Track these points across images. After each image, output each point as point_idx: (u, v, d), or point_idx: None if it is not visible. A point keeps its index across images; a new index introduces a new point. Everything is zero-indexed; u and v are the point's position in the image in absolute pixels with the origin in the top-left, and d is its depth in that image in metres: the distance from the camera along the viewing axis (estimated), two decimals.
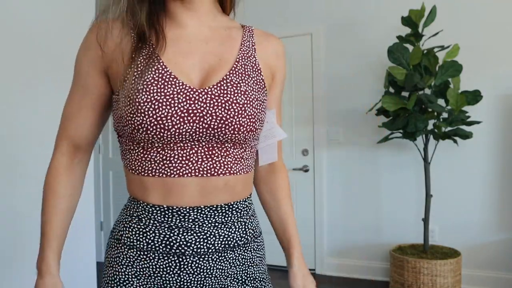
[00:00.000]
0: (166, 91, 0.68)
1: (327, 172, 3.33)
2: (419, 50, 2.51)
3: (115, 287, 0.76)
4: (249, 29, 0.83)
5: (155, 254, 0.73)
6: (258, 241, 0.84)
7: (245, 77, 0.74)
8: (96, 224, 2.66)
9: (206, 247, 0.74)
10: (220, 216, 0.75)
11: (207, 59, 0.74)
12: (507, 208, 2.83)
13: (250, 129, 0.73)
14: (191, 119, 0.69)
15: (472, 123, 2.57)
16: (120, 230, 0.78)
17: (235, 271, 0.78)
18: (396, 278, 2.64)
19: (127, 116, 0.70)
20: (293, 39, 3.43)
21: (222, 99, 0.70)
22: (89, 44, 0.77)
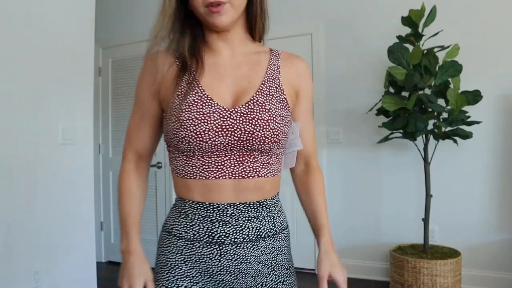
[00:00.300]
0: (204, 111, 0.84)
1: (327, 172, 3.33)
2: (419, 50, 2.51)
3: (167, 271, 0.90)
4: (276, 52, 0.96)
5: (200, 243, 0.88)
6: (285, 233, 0.97)
7: (270, 97, 0.88)
8: (96, 224, 2.66)
9: (242, 237, 0.88)
10: (252, 211, 0.89)
11: (239, 83, 0.89)
12: (507, 208, 2.83)
13: (274, 141, 0.87)
14: (224, 133, 0.84)
15: (472, 123, 2.57)
16: (170, 224, 0.93)
17: (266, 258, 0.92)
18: (396, 278, 2.64)
19: (173, 130, 0.85)
20: (293, 39, 3.43)
21: (249, 116, 0.85)
22: (143, 74, 0.95)
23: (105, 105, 3.93)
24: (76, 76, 2.47)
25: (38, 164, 2.24)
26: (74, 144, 2.45)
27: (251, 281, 0.91)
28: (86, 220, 2.53)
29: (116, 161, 3.86)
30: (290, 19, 3.43)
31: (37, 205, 2.22)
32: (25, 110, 2.17)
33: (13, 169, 2.11)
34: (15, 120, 2.13)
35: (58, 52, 2.36)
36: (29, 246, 2.17)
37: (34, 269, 2.19)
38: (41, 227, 2.24)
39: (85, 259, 2.51)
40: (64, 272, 2.37)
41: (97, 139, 3.89)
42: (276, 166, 0.93)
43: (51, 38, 2.32)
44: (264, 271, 0.92)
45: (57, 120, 2.35)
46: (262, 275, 0.92)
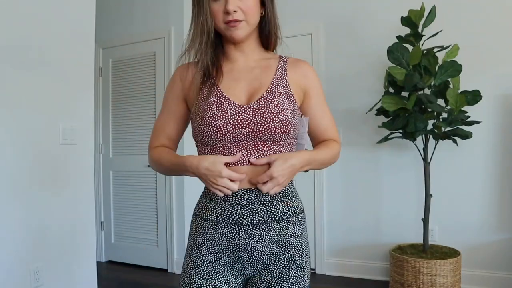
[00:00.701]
0: (223, 108, 1.01)
1: (327, 172, 3.33)
2: (419, 50, 2.51)
3: (196, 248, 1.07)
4: (284, 58, 1.13)
5: (222, 224, 1.03)
6: (300, 217, 1.10)
7: (278, 94, 1.04)
8: (96, 224, 2.66)
9: (257, 219, 1.01)
10: (267, 196, 1.02)
11: (251, 84, 1.06)
12: (506, 208, 2.83)
13: (283, 131, 1.01)
14: (240, 126, 1.00)
15: (472, 123, 2.58)
16: (199, 209, 1.10)
17: (280, 239, 1.04)
18: (396, 278, 2.64)
19: (198, 127, 1.03)
20: (293, 39, 3.43)
21: (261, 111, 1.00)
22: (173, 81, 1.14)
23: (105, 105, 3.94)
24: (76, 76, 2.48)
25: (38, 164, 2.24)
26: (74, 144, 2.45)
27: (266, 258, 1.04)
28: (86, 220, 2.53)
29: (116, 161, 3.86)
30: (290, 19, 3.43)
31: (37, 205, 2.23)
32: (25, 110, 2.17)
33: (13, 169, 2.11)
34: (15, 120, 2.13)
35: (58, 52, 2.36)
36: (29, 246, 2.18)
37: (34, 269, 2.19)
38: (41, 227, 2.24)
39: (85, 259, 2.51)
40: (64, 272, 2.37)
41: (97, 139, 3.90)
42: None
43: (51, 38, 2.32)
44: (278, 250, 1.04)
45: (57, 120, 2.35)
46: (276, 253, 1.04)
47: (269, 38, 1.11)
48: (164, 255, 3.61)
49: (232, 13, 1.00)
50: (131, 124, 3.76)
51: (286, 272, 1.04)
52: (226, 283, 1.05)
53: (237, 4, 1.00)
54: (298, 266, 1.05)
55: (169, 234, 3.56)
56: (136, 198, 3.76)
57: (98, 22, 2.82)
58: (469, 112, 2.73)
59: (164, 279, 3.41)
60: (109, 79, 3.92)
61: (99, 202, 3.91)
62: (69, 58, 2.43)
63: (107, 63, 3.94)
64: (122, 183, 3.84)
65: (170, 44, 3.59)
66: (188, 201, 3.49)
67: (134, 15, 3.85)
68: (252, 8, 1.03)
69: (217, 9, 1.01)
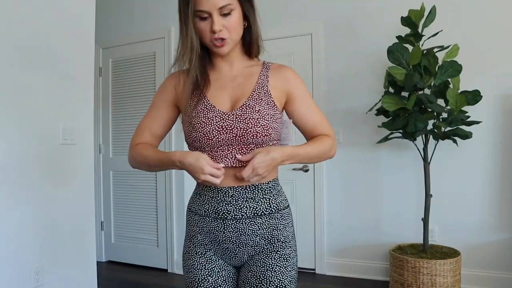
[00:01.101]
0: (209, 115, 1.10)
1: (327, 172, 3.33)
2: (419, 50, 2.51)
3: (189, 240, 1.19)
4: (267, 65, 1.20)
5: (209, 218, 1.13)
6: (283, 212, 1.17)
7: (259, 100, 1.12)
8: (96, 224, 2.66)
9: (240, 215, 1.11)
10: (249, 193, 1.11)
11: (235, 92, 1.14)
12: (506, 208, 2.83)
13: (264, 134, 1.09)
14: (224, 131, 1.09)
15: (472, 123, 2.58)
16: (190, 203, 1.21)
17: (263, 232, 1.13)
18: (396, 278, 2.65)
19: (188, 132, 1.13)
20: (293, 39, 3.44)
21: (243, 117, 1.09)
22: (165, 87, 1.22)
23: (105, 105, 3.94)
24: (76, 76, 2.48)
25: (38, 164, 2.24)
26: (74, 144, 2.45)
27: (251, 250, 1.14)
28: (86, 220, 2.53)
29: (116, 161, 3.86)
30: (290, 19, 3.43)
31: (37, 205, 2.22)
32: (25, 110, 2.17)
33: (13, 169, 2.11)
34: (15, 120, 2.13)
35: (58, 52, 2.36)
36: (29, 245, 2.18)
37: (34, 268, 2.19)
38: (41, 227, 2.24)
39: (85, 259, 2.51)
40: (64, 271, 2.37)
41: (97, 139, 3.90)
42: None
43: (51, 38, 2.32)
44: (261, 242, 1.13)
45: (57, 120, 2.35)
46: (259, 245, 1.14)
47: (252, 47, 1.18)
48: (164, 255, 3.61)
49: (218, 32, 1.07)
50: (131, 124, 3.76)
51: (269, 262, 1.12)
52: (219, 271, 1.16)
53: (222, 23, 1.07)
54: (281, 256, 1.13)
55: (169, 234, 3.56)
56: (136, 198, 3.76)
57: (98, 22, 2.82)
58: (469, 112, 2.73)
59: (164, 279, 3.41)
60: (109, 79, 3.92)
61: (99, 202, 3.91)
62: (69, 58, 2.43)
63: (107, 63, 3.94)
64: (122, 183, 3.84)
65: (170, 44, 3.59)
66: (188, 201, 3.48)
67: (134, 15, 3.85)
68: (236, 25, 1.10)
69: (203, 28, 1.08)
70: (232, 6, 1.07)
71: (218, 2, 1.05)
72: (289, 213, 1.20)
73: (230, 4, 1.07)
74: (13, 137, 2.12)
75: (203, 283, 1.15)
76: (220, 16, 1.07)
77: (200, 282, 1.15)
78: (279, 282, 1.11)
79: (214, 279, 1.15)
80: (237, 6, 1.09)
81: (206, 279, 1.15)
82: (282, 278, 1.11)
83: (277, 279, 1.11)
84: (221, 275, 1.16)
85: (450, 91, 2.57)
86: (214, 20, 1.06)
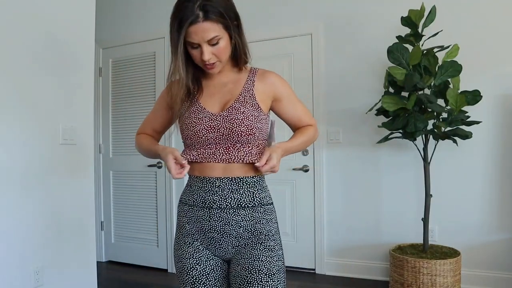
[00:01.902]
0: (199, 116, 1.23)
1: (327, 172, 3.34)
2: (419, 50, 2.51)
3: (178, 230, 1.28)
4: (254, 71, 1.31)
5: (197, 207, 1.23)
6: (266, 208, 1.25)
7: (244, 103, 1.23)
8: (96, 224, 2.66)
9: (225, 204, 1.19)
10: (235, 185, 1.21)
11: (224, 96, 1.26)
12: (506, 208, 2.83)
13: (249, 133, 1.20)
14: (212, 131, 1.20)
15: (472, 123, 2.58)
16: (182, 195, 1.30)
17: (246, 224, 1.21)
18: (396, 278, 2.65)
19: (182, 131, 1.26)
20: (293, 39, 3.44)
21: (229, 118, 1.20)
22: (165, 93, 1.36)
23: (105, 105, 3.94)
24: (76, 76, 2.48)
25: (38, 164, 2.24)
26: (74, 144, 2.45)
27: (234, 241, 1.21)
28: (86, 220, 2.53)
29: (116, 161, 3.86)
30: (290, 19, 3.43)
31: (37, 205, 2.23)
32: (25, 110, 2.17)
33: (13, 169, 2.11)
34: (15, 120, 2.13)
35: (58, 52, 2.36)
36: (29, 246, 2.18)
37: (34, 269, 2.19)
38: (41, 227, 2.24)
39: (85, 259, 2.51)
40: (64, 272, 2.37)
41: (97, 139, 3.90)
42: (258, 156, 1.22)
43: (51, 38, 2.32)
44: (245, 234, 1.21)
45: (57, 120, 2.35)
46: (243, 237, 1.21)
47: (239, 60, 1.28)
48: (164, 255, 3.61)
49: (208, 60, 1.18)
50: (131, 124, 3.76)
51: (255, 253, 1.20)
52: (206, 260, 1.24)
53: (211, 51, 1.17)
54: (265, 247, 1.20)
55: (169, 234, 3.56)
56: (136, 198, 3.76)
57: (98, 22, 2.82)
58: (469, 112, 2.73)
59: (164, 279, 3.41)
60: (109, 79, 3.92)
61: (99, 202, 3.91)
62: (69, 58, 2.43)
63: (107, 63, 3.94)
64: (122, 183, 3.84)
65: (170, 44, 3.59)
66: None
67: (134, 15, 3.85)
68: (224, 50, 1.20)
69: (195, 54, 1.19)
70: (219, 36, 1.16)
71: (206, 36, 1.14)
72: (273, 210, 1.28)
73: (217, 36, 1.16)
74: (13, 137, 2.12)
75: (191, 271, 1.22)
76: (209, 46, 1.16)
77: (189, 270, 1.23)
78: (267, 271, 1.18)
79: (202, 268, 1.22)
80: (224, 35, 1.18)
81: (194, 267, 1.22)
82: (270, 266, 1.18)
83: (265, 268, 1.18)
84: (209, 264, 1.23)
85: (450, 91, 2.57)
86: (203, 51, 1.16)
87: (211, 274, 1.23)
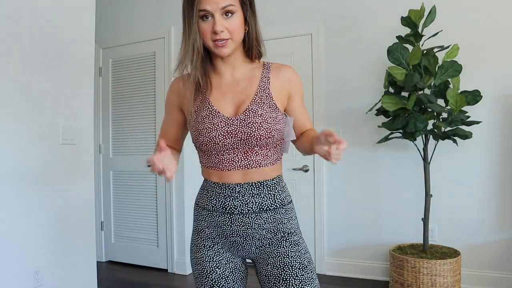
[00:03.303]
0: (213, 121, 1.15)
1: (327, 172, 3.34)
2: (419, 50, 2.51)
3: (197, 234, 1.24)
4: (268, 65, 1.23)
5: (217, 212, 1.19)
6: (287, 207, 1.22)
7: (262, 104, 1.16)
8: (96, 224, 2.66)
9: (247, 209, 1.16)
10: (255, 189, 1.17)
11: (238, 96, 1.18)
12: (506, 208, 2.83)
13: (268, 137, 1.14)
14: (229, 136, 1.14)
15: (472, 123, 2.58)
16: (198, 198, 1.26)
17: (268, 226, 1.18)
18: (396, 278, 2.65)
19: (195, 137, 1.18)
20: (293, 39, 3.44)
21: (247, 121, 1.13)
22: (170, 93, 1.27)
23: (105, 105, 3.94)
24: (76, 76, 2.48)
25: (38, 164, 2.24)
26: (74, 144, 2.45)
27: (257, 243, 1.19)
28: (86, 220, 2.53)
29: (116, 161, 3.86)
30: (290, 19, 3.43)
31: (37, 205, 2.23)
32: (25, 110, 2.17)
33: (13, 169, 2.11)
34: (15, 120, 2.13)
35: (58, 52, 2.37)
36: (29, 246, 2.18)
37: (34, 269, 2.19)
38: (41, 227, 2.24)
39: (85, 259, 2.51)
40: (64, 272, 2.37)
41: (97, 139, 3.90)
42: (275, 156, 1.20)
43: (51, 38, 2.32)
44: (268, 236, 1.18)
45: (57, 120, 2.35)
46: (266, 238, 1.19)
47: (252, 51, 1.21)
48: (164, 255, 3.61)
49: (220, 33, 1.10)
50: (131, 124, 3.76)
51: (282, 250, 1.18)
52: (226, 263, 1.21)
53: (224, 25, 1.10)
54: (291, 243, 1.19)
55: (169, 234, 3.56)
56: (136, 198, 3.76)
57: (98, 22, 2.82)
58: (469, 112, 2.73)
59: (164, 279, 3.41)
60: (109, 79, 3.92)
61: (99, 202, 3.91)
62: (69, 58, 2.43)
63: (107, 63, 3.94)
64: (122, 183, 3.84)
65: (170, 44, 3.59)
66: (188, 201, 3.49)
67: (134, 15, 3.85)
68: (237, 27, 1.13)
69: (206, 29, 1.11)
70: (234, 7, 1.11)
71: (221, 2, 1.08)
72: (293, 207, 1.26)
73: (233, 5, 1.10)
74: (13, 137, 2.12)
75: (211, 275, 1.20)
76: (222, 17, 1.10)
77: (208, 274, 1.21)
78: (299, 265, 1.16)
79: (221, 271, 1.21)
80: (239, 9, 1.13)
81: (214, 270, 1.20)
82: (300, 260, 1.17)
83: (297, 262, 1.17)
84: (228, 267, 1.21)
85: (450, 91, 2.57)
86: (216, 21, 1.09)
87: (230, 277, 1.22)
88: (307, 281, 1.16)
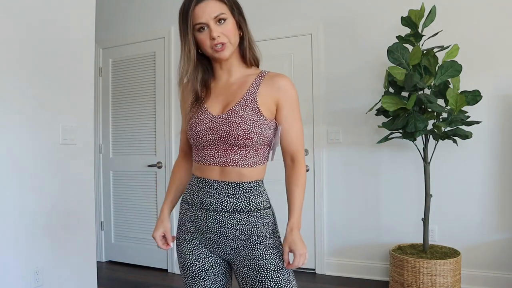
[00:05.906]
0: (200, 117, 1.25)
1: (327, 172, 3.34)
2: (419, 50, 2.51)
3: (179, 228, 1.32)
4: (263, 73, 1.29)
5: (196, 207, 1.26)
6: (262, 212, 1.24)
7: (245, 106, 1.21)
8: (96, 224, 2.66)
9: (221, 207, 1.21)
10: (231, 189, 1.22)
11: (227, 98, 1.26)
12: (506, 208, 2.83)
13: (246, 138, 1.19)
14: (211, 132, 1.22)
15: (472, 123, 2.58)
16: (184, 193, 1.34)
17: (241, 228, 1.21)
18: (396, 278, 2.65)
19: (187, 132, 1.29)
20: (293, 39, 3.44)
21: (227, 120, 1.20)
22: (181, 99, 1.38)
23: (105, 105, 3.94)
24: (76, 76, 2.48)
25: (38, 164, 2.24)
26: (74, 144, 2.45)
27: (232, 243, 1.23)
28: (86, 220, 2.53)
29: (116, 161, 3.86)
30: (290, 19, 3.43)
31: (37, 205, 2.23)
32: (25, 110, 2.17)
33: (13, 169, 2.11)
34: (15, 120, 2.13)
35: (58, 52, 2.37)
36: (29, 246, 2.18)
37: (34, 269, 2.20)
38: (41, 227, 2.24)
39: (85, 259, 2.51)
40: (64, 272, 2.37)
41: (97, 139, 3.90)
42: (255, 159, 1.23)
43: (51, 38, 2.32)
44: (242, 237, 1.22)
45: (57, 120, 2.35)
46: (240, 240, 1.22)
47: (247, 54, 1.29)
48: (164, 255, 3.61)
49: (217, 38, 1.19)
50: (131, 124, 3.76)
51: (257, 253, 1.21)
52: (205, 257, 1.27)
53: (219, 30, 1.19)
54: (266, 246, 1.22)
55: None
56: (136, 198, 3.76)
57: (98, 22, 2.82)
58: (469, 112, 2.73)
59: (164, 279, 3.41)
60: (109, 79, 3.92)
61: (99, 202, 3.91)
62: (69, 58, 2.43)
63: (107, 63, 3.94)
64: (122, 183, 3.84)
65: (170, 44, 3.60)
66: None
67: (134, 15, 3.85)
68: (232, 30, 1.22)
69: (204, 38, 1.21)
70: (225, 15, 1.20)
71: (212, 12, 1.18)
72: (270, 213, 1.27)
73: (224, 13, 1.20)
74: (13, 137, 2.12)
75: (191, 267, 1.27)
76: (217, 25, 1.19)
77: (189, 266, 1.27)
78: (274, 267, 1.20)
79: (201, 264, 1.26)
80: (230, 16, 1.22)
81: (193, 263, 1.27)
82: (275, 262, 1.21)
83: (272, 264, 1.20)
84: (207, 261, 1.27)
85: (450, 91, 2.57)
86: (211, 29, 1.19)
87: (210, 270, 1.26)
88: (283, 283, 1.19)
